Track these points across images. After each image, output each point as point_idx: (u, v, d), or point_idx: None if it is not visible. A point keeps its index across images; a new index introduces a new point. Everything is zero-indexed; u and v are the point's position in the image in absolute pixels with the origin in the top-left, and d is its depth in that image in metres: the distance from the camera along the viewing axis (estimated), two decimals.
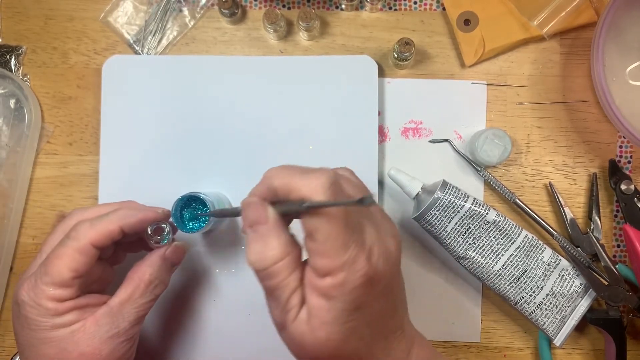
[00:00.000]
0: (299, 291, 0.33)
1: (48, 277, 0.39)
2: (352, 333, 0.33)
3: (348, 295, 0.32)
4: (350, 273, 0.32)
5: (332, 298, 0.32)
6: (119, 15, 0.55)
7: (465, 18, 0.53)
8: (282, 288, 0.33)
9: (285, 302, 0.33)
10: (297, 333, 0.33)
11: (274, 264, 0.33)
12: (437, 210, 0.48)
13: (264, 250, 0.33)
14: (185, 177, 0.53)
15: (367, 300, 0.33)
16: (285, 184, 0.33)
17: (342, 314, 0.32)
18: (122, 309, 0.42)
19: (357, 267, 0.32)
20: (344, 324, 0.33)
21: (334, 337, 0.33)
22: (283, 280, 0.33)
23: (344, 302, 0.32)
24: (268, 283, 0.34)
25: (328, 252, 0.31)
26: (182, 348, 0.53)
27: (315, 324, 0.33)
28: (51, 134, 0.55)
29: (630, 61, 0.53)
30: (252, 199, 0.34)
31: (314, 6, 0.55)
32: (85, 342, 0.40)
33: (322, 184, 0.32)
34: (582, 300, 0.51)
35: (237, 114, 0.53)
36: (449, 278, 0.54)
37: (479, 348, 0.54)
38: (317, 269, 0.32)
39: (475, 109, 0.54)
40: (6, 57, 0.55)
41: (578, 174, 0.54)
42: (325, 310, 0.32)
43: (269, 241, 0.33)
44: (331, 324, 0.32)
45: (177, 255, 0.45)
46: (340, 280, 0.32)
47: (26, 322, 0.40)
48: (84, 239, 0.40)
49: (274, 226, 0.33)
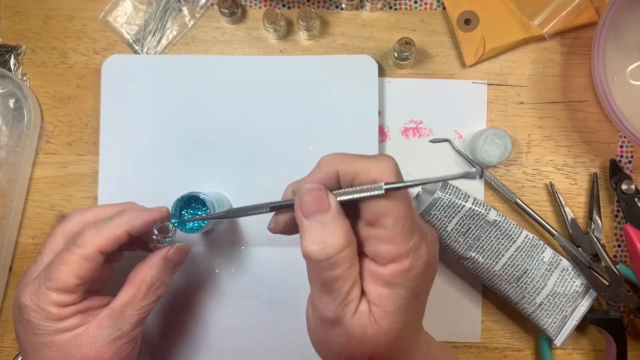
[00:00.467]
0: (359, 282, 0.32)
1: (52, 282, 0.39)
2: (408, 321, 0.33)
3: (411, 282, 0.32)
4: (415, 259, 0.31)
5: (395, 285, 0.32)
6: (119, 15, 0.55)
7: (466, 17, 0.53)
8: (345, 279, 0.32)
9: (346, 295, 0.32)
10: (357, 326, 0.32)
11: (338, 253, 0.31)
12: (437, 210, 0.48)
13: (327, 238, 0.31)
14: (185, 177, 0.53)
15: (423, 287, 0.33)
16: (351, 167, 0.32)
17: (404, 302, 0.32)
18: (125, 311, 0.41)
19: (420, 253, 0.32)
20: (405, 312, 0.32)
21: (396, 326, 0.32)
22: (346, 270, 0.32)
23: (406, 289, 0.32)
24: (330, 274, 0.31)
25: (396, 237, 0.31)
26: (183, 348, 0.53)
27: (378, 314, 0.32)
28: (50, 134, 0.55)
29: (630, 61, 0.53)
30: (312, 186, 0.33)
31: (314, 6, 0.55)
32: (89, 346, 0.40)
33: (393, 166, 0.31)
34: (583, 301, 0.51)
35: (236, 113, 0.53)
36: (449, 278, 0.54)
37: (479, 348, 0.54)
38: (382, 256, 0.31)
39: (476, 109, 0.54)
40: (6, 56, 0.55)
41: (579, 174, 0.54)
42: (388, 298, 0.32)
43: (332, 229, 0.31)
44: (394, 314, 0.32)
45: (179, 256, 0.45)
46: (406, 266, 0.31)
47: (29, 326, 0.40)
48: (91, 246, 0.40)
49: (337, 214, 0.32)
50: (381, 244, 0.31)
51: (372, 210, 0.31)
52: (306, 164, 0.53)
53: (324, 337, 0.34)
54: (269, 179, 0.53)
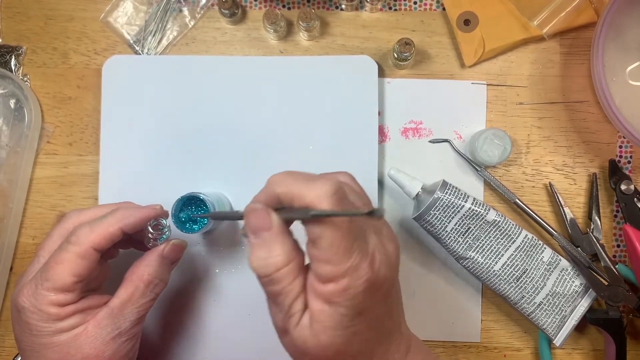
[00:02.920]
0: (302, 297, 0.34)
1: (49, 282, 0.39)
2: (353, 337, 0.34)
3: (350, 301, 0.32)
4: (353, 279, 0.32)
5: (335, 304, 0.32)
6: (119, 16, 0.55)
7: (465, 18, 0.53)
8: (286, 294, 0.33)
9: (288, 308, 0.33)
10: (299, 338, 0.33)
11: (277, 270, 0.33)
12: (437, 210, 0.48)
13: (268, 256, 0.33)
14: (185, 177, 0.53)
15: (368, 305, 0.33)
16: (288, 191, 0.33)
17: (344, 319, 0.33)
18: (123, 309, 0.42)
19: (360, 273, 0.32)
20: (346, 329, 0.33)
21: (336, 341, 0.33)
22: (286, 287, 0.33)
23: (346, 307, 0.32)
24: (271, 289, 0.34)
25: (331, 259, 0.32)
26: (183, 347, 0.53)
27: (317, 329, 0.33)
28: (51, 134, 0.55)
29: (630, 61, 0.53)
30: (256, 206, 0.34)
31: (314, 6, 0.55)
32: (88, 345, 0.40)
33: (326, 192, 0.32)
34: (582, 300, 0.51)
35: (237, 114, 0.53)
36: (449, 278, 0.54)
37: (479, 348, 0.54)
38: (320, 275, 0.32)
39: (475, 109, 0.54)
40: (6, 57, 0.55)
41: (578, 174, 0.54)
42: (327, 315, 0.32)
43: (273, 247, 0.33)
44: (333, 329, 0.33)
45: (176, 252, 0.45)
46: (343, 286, 0.32)
47: (27, 328, 0.40)
48: (85, 243, 0.40)
49: (278, 232, 0.33)
50: (320, 263, 0.32)
51: (309, 232, 0.32)
52: (306, 164, 0.54)
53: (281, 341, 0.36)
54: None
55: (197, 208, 0.47)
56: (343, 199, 0.33)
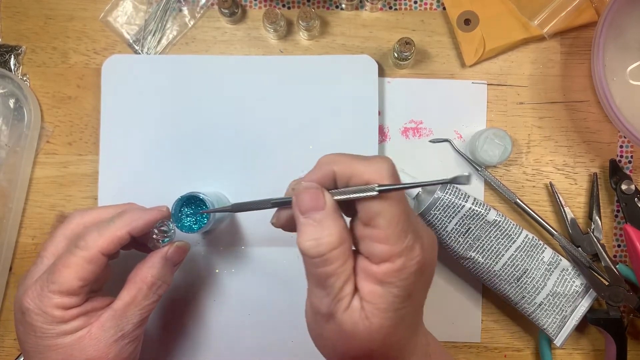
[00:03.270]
0: (352, 279, 0.33)
1: (55, 285, 0.39)
2: (401, 321, 0.33)
3: (404, 282, 0.32)
4: (408, 259, 0.32)
5: (388, 284, 0.32)
6: (119, 15, 0.55)
7: (466, 18, 0.53)
8: (338, 275, 0.32)
9: (339, 291, 0.33)
10: (349, 321, 0.33)
11: (331, 250, 0.32)
12: (437, 210, 0.48)
13: (322, 235, 0.32)
14: (185, 177, 0.53)
15: (416, 287, 0.33)
16: (346, 169, 0.33)
17: (396, 300, 0.32)
18: (127, 311, 0.42)
19: (414, 253, 0.32)
20: (396, 311, 0.33)
21: (387, 323, 0.33)
22: (339, 267, 0.32)
23: (398, 288, 0.32)
24: (323, 270, 0.32)
25: (389, 237, 0.31)
26: (183, 347, 0.53)
27: (369, 311, 0.32)
28: (51, 134, 0.55)
29: (630, 61, 0.53)
30: (309, 184, 0.33)
31: (314, 6, 0.55)
32: (92, 347, 0.40)
33: (387, 169, 0.32)
34: (583, 300, 0.51)
35: (236, 113, 0.53)
36: (449, 278, 0.54)
37: (479, 348, 0.54)
38: (375, 255, 0.32)
39: (476, 109, 0.54)
40: (6, 56, 0.55)
41: (578, 174, 0.54)
42: (380, 296, 0.32)
43: (327, 226, 0.32)
44: (385, 311, 0.32)
45: (179, 254, 0.45)
46: (399, 266, 0.32)
47: (32, 330, 0.40)
48: (94, 248, 0.40)
49: (332, 212, 0.33)
50: (375, 243, 0.32)
51: (367, 211, 0.32)
52: (306, 164, 0.53)
53: (319, 331, 0.35)
54: (269, 178, 0.53)
55: (197, 208, 0.47)
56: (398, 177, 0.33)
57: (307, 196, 0.33)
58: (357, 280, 0.33)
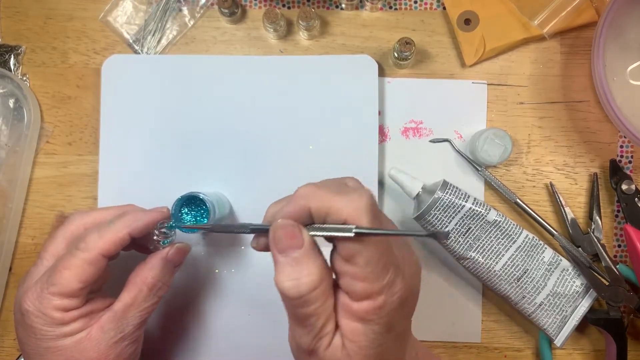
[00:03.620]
0: (333, 317, 0.32)
1: (55, 287, 0.39)
2: (384, 353, 0.33)
3: (384, 318, 0.31)
4: (389, 295, 0.31)
5: (369, 322, 0.31)
6: (119, 15, 0.55)
7: (466, 17, 0.53)
8: (318, 315, 0.31)
9: (320, 330, 0.32)
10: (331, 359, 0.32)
11: (310, 292, 0.31)
12: (437, 210, 0.48)
13: (300, 275, 0.31)
14: (185, 177, 0.53)
15: (398, 320, 0.33)
16: (323, 205, 0.31)
17: (377, 337, 0.32)
18: (127, 313, 0.41)
19: (395, 289, 0.31)
20: (379, 347, 0.32)
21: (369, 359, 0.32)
22: (319, 307, 0.31)
23: (379, 325, 0.31)
24: (302, 311, 0.31)
25: (368, 276, 0.30)
26: (183, 347, 0.53)
27: (351, 349, 0.32)
28: (50, 134, 0.55)
29: (631, 61, 0.53)
30: (286, 222, 0.32)
31: (314, 5, 0.55)
32: (92, 349, 0.40)
33: (364, 206, 0.30)
34: (583, 301, 0.51)
35: (236, 113, 0.53)
36: (449, 278, 0.54)
37: (479, 348, 0.54)
38: (355, 292, 0.31)
39: (476, 109, 0.54)
40: (5, 56, 0.55)
41: (579, 174, 0.54)
42: (361, 334, 0.31)
43: (306, 266, 0.31)
44: (367, 348, 0.32)
45: (179, 256, 0.45)
46: (379, 303, 0.31)
47: (31, 331, 0.40)
48: (94, 250, 0.40)
49: (310, 250, 0.31)
50: (354, 280, 0.31)
51: (345, 249, 0.31)
52: (306, 164, 0.53)
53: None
54: (269, 178, 0.53)
55: (196, 208, 0.47)
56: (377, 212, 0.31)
57: (283, 234, 0.31)
58: (337, 317, 0.32)
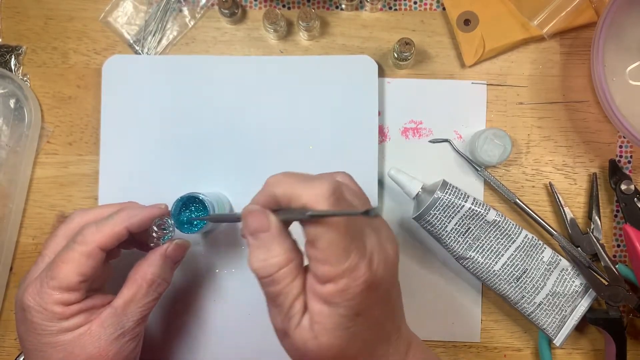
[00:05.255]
0: (301, 298, 0.34)
1: (55, 281, 0.39)
2: (353, 338, 0.34)
3: (349, 302, 0.32)
4: (351, 280, 0.32)
5: (334, 304, 0.32)
6: (119, 15, 0.55)
7: (466, 18, 0.53)
8: (286, 294, 0.33)
9: (288, 309, 0.33)
10: (299, 339, 0.33)
11: (277, 271, 0.33)
12: (437, 210, 0.48)
13: (267, 257, 0.33)
14: (185, 177, 0.53)
15: (367, 305, 0.33)
16: (286, 192, 0.33)
17: (343, 320, 0.33)
18: (127, 309, 0.42)
19: (358, 274, 0.32)
20: (345, 330, 0.33)
21: (336, 342, 0.33)
22: (286, 287, 0.33)
23: (345, 307, 0.32)
24: (271, 289, 0.34)
25: (329, 259, 0.32)
26: (183, 347, 0.53)
27: (317, 330, 0.33)
28: (51, 134, 0.55)
29: (630, 61, 0.53)
30: (253, 207, 0.35)
31: (314, 6, 0.55)
32: (92, 345, 0.40)
33: (324, 192, 0.32)
34: (582, 300, 0.51)
35: (237, 113, 0.53)
36: (449, 278, 0.54)
37: (479, 348, 0.54)
38: (319, 275, 0.32)
39: (475, 109, 0.54)
40: (6, 57, 0.55)
41: (578, 174, 0.54)
42: (327, 316, 0.33)
43: (272, 248, 0.33)
44: (333, 330, 0.33)
45: (179, 252, 0.45)
46: (342, 286, 0.32)
47: (32, 327, 0.40)
48: (92, 243, 0.40)
49: (276, 233, 0.34)
50: (318, 263, 0.32)
51: (307, 232, 0.32)
52: (306, 164, 0.53)
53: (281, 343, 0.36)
54: None
55: (196, 208, 0.47)
56: (340, 199, 0.33)
57: (251, 218, 0.34)
58: (307, 298, 0.34)
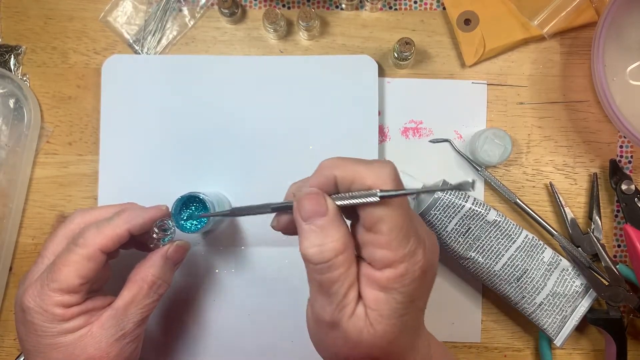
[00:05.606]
0: (356, 285, 0.33)
1: (56, 283, 0.39)
2: (404, 326, 0.33)
3: (406, 287, 0.32)
4: (411, 264, 0.32)
5: (391, 290, 0.32)
6: (119, 15, 0.55)
7: (466, 18, 0.53)
8: (342, 281, 0.32)
9: (343, 297, 0.32)
10: (354, 329, 0.32)
11: (336, 256, 0.32)
12: (437, 210, 0.48)
13: (325, 242, 0.32)
14: (185, 177, 0.53)
15: (420, 292, 0.33)
16: (347, 174, 0.32)
17: (400, 306, 0.32)
18: (127, 310, 0.42)
19: (417, 259, 0.32)
20: (400, 317, 0.32)
21: (391, 330, 0.32)
22: (343, 273, 0.32)
23: (402, 294, 0.32)
24: (327, 276, 0.32)
25: (391, 243, 0.31)
26: (183, 347, 0.53)
27: (373, 318, 0.32)
28: (51, 134, 0.55)
29: (630, 61, 0.53)
30: (312, 190, 0.33)
31: (314, 6, 0.55)
32: (93, 346, 0.40)
33: (390, 172, 0.31)
34: (583, 301, 0.51)
35: (237, 113, 0.53)
36: (449, 278, 0.54)
37: (479, 348, 0.54)
38: (377, 260, 0.32)
39: (476, 109, 0.54)
40: (6, 56, 0.55)
41: (578, 174, 0.54)
42: (383, 303, 0.32)
43: (330, 232, 0.32)
44: (389, 317, 0.32)
45: (179, 254, 0.45)
46: (401, 272, 0.31)
47: (32, 328, 0.40)
48: (93, 246, 0.40)
49: (335, 218, 0.32)
50: (377, 249, 0.32)
51: (369, 216, 0.31)
52: (306, 164, 0.53)
53: (322, 338, 0.35)
54: (269, 179, 0.53)
55: (196, 208, 0.47)
56: (400, 182, 0.32)
57: (308, 202, 0.32)
58: (360, 286, 0.33)
